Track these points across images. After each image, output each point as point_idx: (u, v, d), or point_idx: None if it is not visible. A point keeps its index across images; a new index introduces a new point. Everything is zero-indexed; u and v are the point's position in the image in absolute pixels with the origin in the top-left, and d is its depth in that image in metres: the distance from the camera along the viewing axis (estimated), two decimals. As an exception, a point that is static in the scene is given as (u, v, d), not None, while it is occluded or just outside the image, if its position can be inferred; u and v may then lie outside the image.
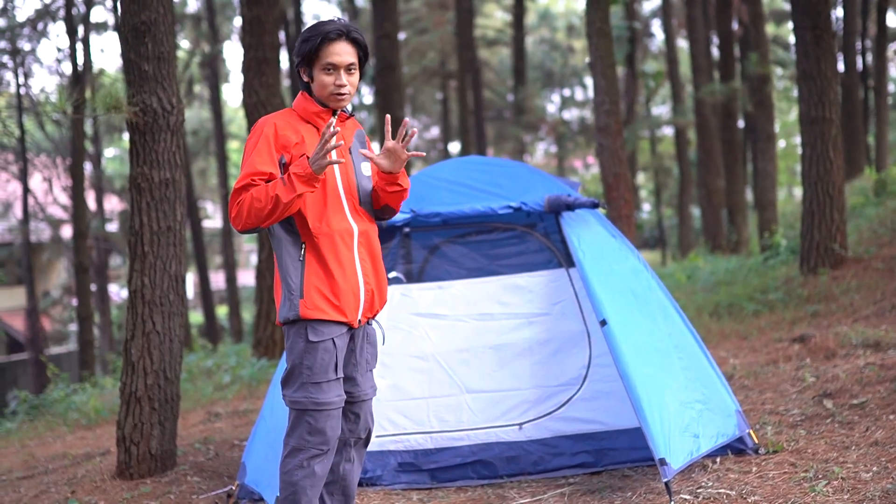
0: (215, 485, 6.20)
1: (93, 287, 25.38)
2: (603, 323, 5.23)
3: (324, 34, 4.15)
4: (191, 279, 37.91)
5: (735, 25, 21.97)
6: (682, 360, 5.40)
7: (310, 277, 4.11)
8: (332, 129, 3.91)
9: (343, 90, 4.20)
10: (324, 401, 4.13)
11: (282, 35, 25.44)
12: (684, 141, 25.65)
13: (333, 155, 4.12)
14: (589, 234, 5.75)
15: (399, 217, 5.98)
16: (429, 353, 6.02)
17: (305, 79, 4.27)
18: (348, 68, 4.20)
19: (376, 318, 4.44)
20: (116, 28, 6.97)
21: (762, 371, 7.56)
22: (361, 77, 4.35)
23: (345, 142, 4.29)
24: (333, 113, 4.28)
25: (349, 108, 4.42)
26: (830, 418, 5.98)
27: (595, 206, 5.80)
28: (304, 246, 4.14)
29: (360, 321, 4.24)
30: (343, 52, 4.18)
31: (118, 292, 33.14)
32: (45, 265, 34.70)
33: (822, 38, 10.23)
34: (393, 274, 6.12)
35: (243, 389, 10.82)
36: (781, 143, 39.75)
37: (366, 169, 4.35)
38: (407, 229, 6.14)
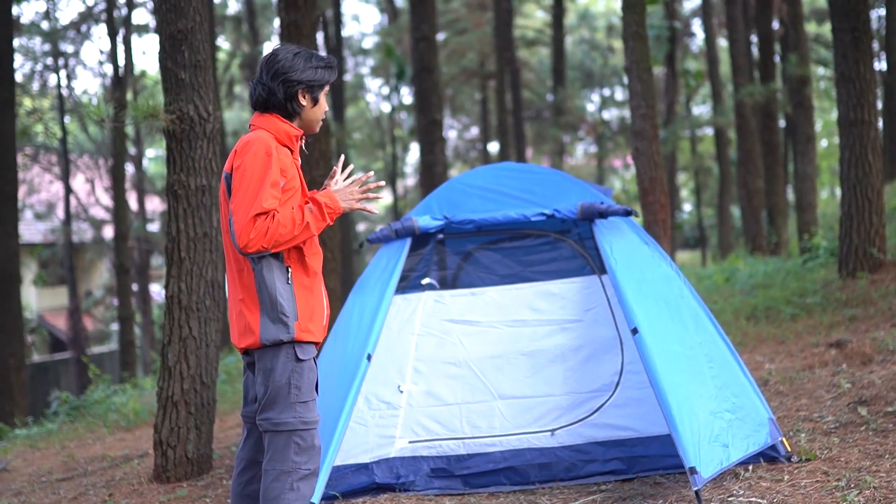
0: (250, 489, 6.25)
1: (134, 287, 25.63)
2: (634, 331, 5.24)
3: (335, 65, 4.31)
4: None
5: (776, 25, 21.81)
6: (712, 368, 5.40)
7: (301, 300, 4.16)
8: (375, 182, 4.19)
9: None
10: (311, 419, 4.16)
11: (320, 37, 25.51)
12: (724, 141, 25.48)
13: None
14: (622, 242, 5.76)
15: (433, 224, 6.03)
16: (462, 359, 6.05)
17: (304, 102, 4.28)
18: None
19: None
20: (157, 31, 7.07)
21: (798, 376, 7.53)
22: None
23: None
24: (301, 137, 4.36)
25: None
26: (865, 426, 5.95)
27: (628, 213, 5.81)
28: (289, 269, 4.16)
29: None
30: None
31: (160, 292, 33.39)
32: (88, 265, 35.04)
33: (860, 40, 10.14)
34: (426, 280, 6.16)
35: (281, 391, 10.85)
36: (824, 143, 39.46)
37: None
38: (441, 236, 6.19)
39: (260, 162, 4.05)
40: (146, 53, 51.75)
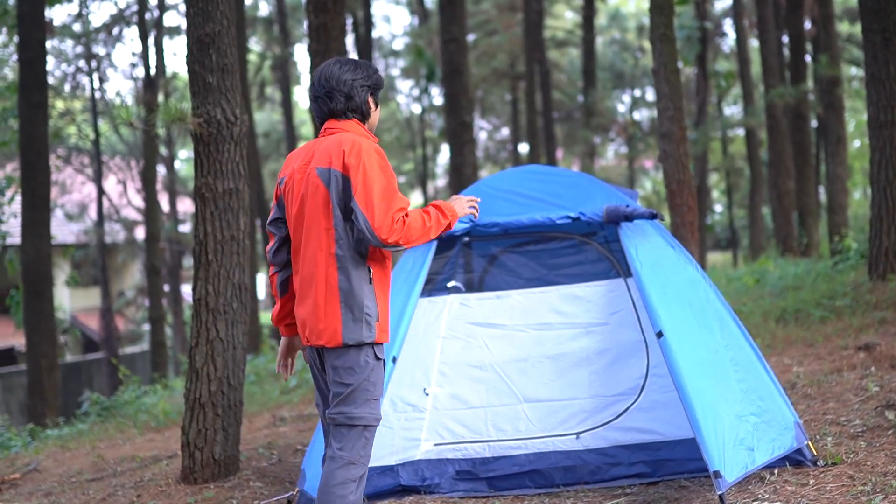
0: (277, 490, 6.30)
1: (166, 288, 25.78)
2: (659, 335, 5.23)
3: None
4: (263, 280, 38.28)
5: (808, 25, 21.68)
6: (738, 372, 5.38)
7: (380, 301, 4.30)
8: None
9: None
10: (380, 416, 4.32)
11: (350, 39, 25.54)
12: (755, 141, 25.35)
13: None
14: (647, 245, 5.74)
15: (459, 227, 6.04)
16: (487, 362, 6.06)
17: (372, 106, 4.51)
18: None
19: None
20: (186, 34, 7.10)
21: (826, 380, 7.49)
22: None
23: None
24: None
25: None
26: (892, 430, 5.91)
27: (653, 217, 5.80)
28: (370, 270, 4.28)
29: None
30: None
31: (191, 293, 33.53)
32: (120, 266, 35.26)
33: (891, 41, 10.08)
34: (452, 283, 6.17)
35: (309, 393, 10.92)
36: (856, 143, 39.15)
37: None
38: (466, 239, 6.19)
39: (383, 163, 4.25)
40: (178, 55, 52.02)
